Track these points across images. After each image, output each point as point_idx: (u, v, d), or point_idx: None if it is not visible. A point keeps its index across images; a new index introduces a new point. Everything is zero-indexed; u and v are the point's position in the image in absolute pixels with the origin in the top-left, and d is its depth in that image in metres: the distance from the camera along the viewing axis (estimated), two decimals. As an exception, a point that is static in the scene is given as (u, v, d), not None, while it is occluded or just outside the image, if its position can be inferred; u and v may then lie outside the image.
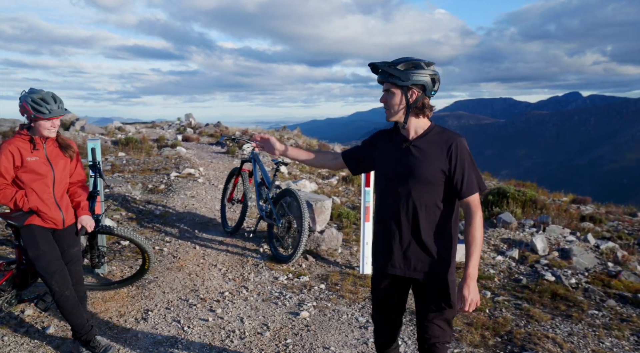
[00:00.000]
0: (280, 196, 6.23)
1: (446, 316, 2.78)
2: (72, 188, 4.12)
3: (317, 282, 5.57)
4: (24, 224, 3.77)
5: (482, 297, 5.30)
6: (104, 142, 14.43)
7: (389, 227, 2.80)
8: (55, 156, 3.91)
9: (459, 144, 2.68)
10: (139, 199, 8.35)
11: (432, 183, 2.68)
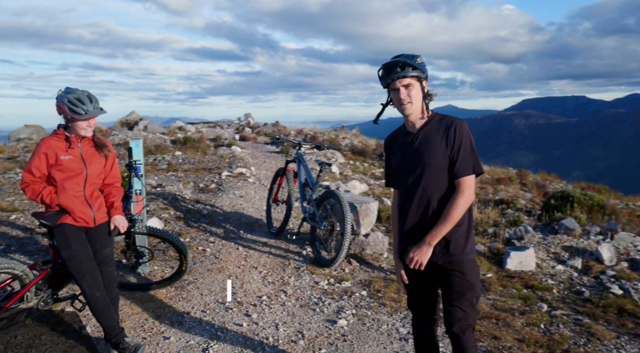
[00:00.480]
0: (323, 198, 6.04)
1: (468, 298, 2.82)
2: (106, 189, 4.11)
3: (358, 288, 5.33)
4: (57, 223, 3.77)
5: (537, 311, 4.90)
6: (164, 141, 14.75)
7: (408, 216, 2.91)
8: (89, 155, 3.91)
9: (458, 127, 2.78)
10: (188, 199, 8.39)
11: (439, 169, 2.79)
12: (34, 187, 3.74)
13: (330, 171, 11.41)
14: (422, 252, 2.78)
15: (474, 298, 2.84)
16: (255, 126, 22.82)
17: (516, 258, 6.08)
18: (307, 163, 6.56)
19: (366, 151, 15.82)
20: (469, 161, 2.77)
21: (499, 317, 4.73)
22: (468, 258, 2.83)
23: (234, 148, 13.80)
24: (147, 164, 11.68)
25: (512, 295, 5.30)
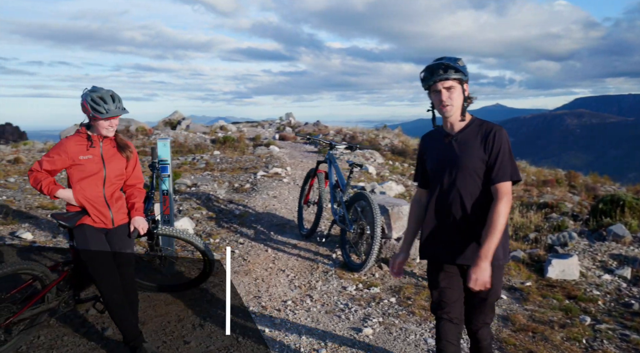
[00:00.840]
0: (353, 200, 5.85)
1: (489, 302, 2.97)
2: (128, 190, 4.07)
3: (388, 295, 5.13)
4: (76, 225, 3.74)
5: (580, 324, 4.58)
6: (204, 141, 14.86)
7: (439, 218, 2.97)
8: (110, 155, 3.88)
9: (497, 134, 2.83)
10: (222, 198, 8.36)
11: (474, 173, 2.85)
12: (37, 175, 3.75)
13: (367, 171, 11.19)
14: (482, 270, 2.73)
15: (494, 301, 3.01)
16: (296, 126, 22.79)
17: (558, 266, 5.74)
18: (338, 164, 6.38)
19: (406, 151, 15.51)
20: (507, 168, 2.81)
21: (537, 329, 4.44)
22: (496, 264, 2.85)
23: (272, 148, 13.77)
24: (186, 163, 11.76)
25: (552, 306, 4.98)
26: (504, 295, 5.17)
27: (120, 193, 4.01)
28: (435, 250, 3.01)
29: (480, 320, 3.03)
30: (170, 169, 5.30)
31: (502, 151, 2.81)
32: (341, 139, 16.38)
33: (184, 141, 14.54)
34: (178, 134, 14.95)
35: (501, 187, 2.79)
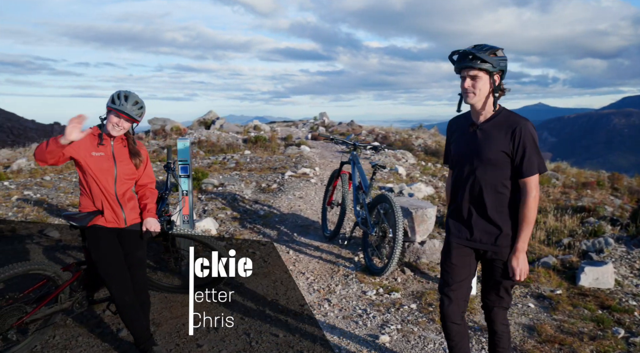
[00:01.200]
0: (376, 202, 5.70)
1: (504, 286, 3.07)
2: (140, 190, 4.02)
3: (408, 300, 4.97)
4: (88, 225, 3.72)
5: (612, 336, 4.32)
6: (236, 140, 14.91)
7: (460, 204, 3.09)
8: (121, 154, 3.82)
9: (523, 128, 2.86)
10: (247, 199, 8.33)
11: (495, 164, 2.92)
12: (40, 145, 3.48)
13: (397, 172, 10.99)
14: (520, 260, 2.92)
15: (509, 286, 3.09)
16: (329, 125, 22.69)
17: (591, 274, 5.46)
18: (361, 165, 6.24)
19: (440, 151, 15.20)
20: (534, 162, 2.86)
21: (564, 341, 4.20)
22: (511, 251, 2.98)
23: (303, 148, 13.70)
24: (216, 162, 11.81)
25: (582, 316, 4.73)
26: (531, 303, 4.94)
27: (133, 193, 3.98)
28: (454, 229, 3.14)
29: (495, 302, 3.14)
30: (190, 169, 5.27)
31: (529, 146, 2.86)
32: (373, 139, 16.19)
33: (217, 140, 14.63)
34: (210, 134, 15.06)
35: (529, 181, 2.88)
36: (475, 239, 3.05)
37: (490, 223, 2.99)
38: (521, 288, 5.30)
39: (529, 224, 2.90)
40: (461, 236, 3.11)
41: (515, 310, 4.82)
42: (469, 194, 3.04)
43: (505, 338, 3.20)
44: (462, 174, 3.07)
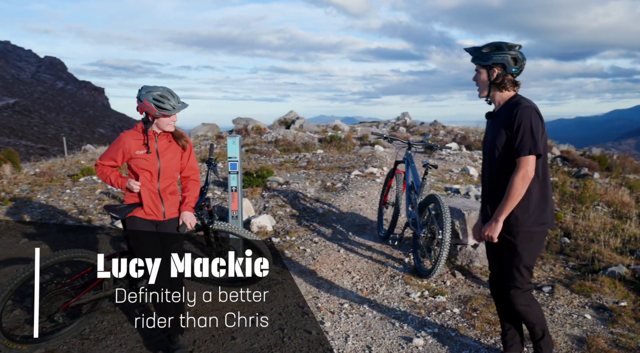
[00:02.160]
0: (426, 202, 5.54)
1: (514, 264, 3.25)
2: (183, 182, 4.18)
3: (453, 304, 4.79)
4: (126, 216, 3.93)
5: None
6: (311, 139, 15.08)
7: (484, 189, 3.42)
8: (165, 149, 3.99)
9: (522, 111, 3.07)
10: (309, 197, 8.39)
11: (501, 148, 3.17)
12: (103, 170, 3.97)
13: (468, 173, 10.61)
14: (491, 228, 3.21)
15: (520, 266, 3.24)
16: (411, 125, 22.31)
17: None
18: (415, 165, 6.09)
19: (524, 152, 14.45)
20: (526, 142, 3.04)
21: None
22: (523, 230, 3.19)
23: (376, 147, 13.59)
24: (288, 161, 12.01)
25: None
26: (588, 314, 4.59)
27: (176, 188, 4.14)
28: (482, 214, 3.45)
29: (507, 280, 3.31)
30: (239, 166, 5.40)
31: (522, 127, 3.05)
32: (451, 139, 15.74)
33: (293, 139, 14.87)
34: (287, 133, 15.33)
35: (520, 161, 3.06)
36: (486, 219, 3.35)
37: (493, 204, 3.29)
38: (581, 297, 4.94)
39: (508, 199, 3.09)
40: (483, 218, 3.42)
41: (569, 321, 4.50)
42: (489, 179, 3.35)
43: (529, 316, 3.33)
44: (484, 160, 3.41)
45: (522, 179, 3.05)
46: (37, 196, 8.98)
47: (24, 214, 7.77)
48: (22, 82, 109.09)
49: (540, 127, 3.08)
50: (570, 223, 7.23)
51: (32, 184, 10.26)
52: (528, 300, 3.32)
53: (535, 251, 3.29)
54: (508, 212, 3.13)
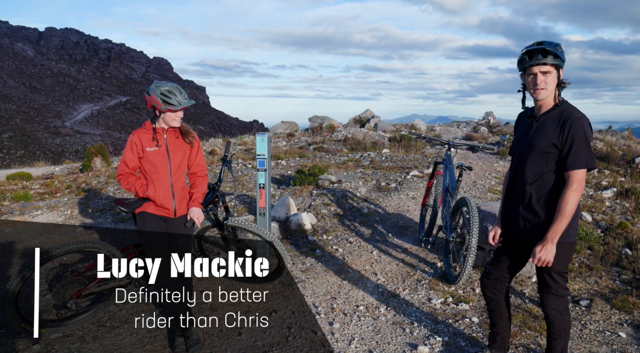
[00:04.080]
0: (458, 205, 5.29)
1: (547, 271, 3.18)
2: (191, 179, 4.28)
3: (474, 313, 4.54)
4: (136, 211, 4.08)
5: None
6: (381, 139, 14.90)
7: (511, 193, 3.31)
8: (174, 145, 4.11)
9: (575, 122, 2.96)
10: (358, 197, 8.30)
11: (545, 155, 3.06)
12: (128, 179, 4.08)
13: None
14: (547, 250, 3.03)
15: (552, 273, 3.17)
16: (494, 125, 21.38)
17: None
18: (453, 166, 5.83)
19: (612, 156, 13.38)
20: (581, 156, 2.94)
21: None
22: (560, 241, 3.06)
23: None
24: (352, 160, 11.95)
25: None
26: (623, 333, 4.17)
27: (185, 184, 4.25)
28: (505, 219, 3.38)
29: (541, 286, 3.30)
30: (267, 163, 5.45)
31: (577, 139, 2.94)
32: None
33: (362, 138, 14.77)
34: (357, 132, 15.24)
35: (573, 174, 2.96)
36: (520, 227, 3.25)
37: (534, 212, 3.16)
38: (621, 314, 4.50)
39: (563, 216, 2.96)
40: (510, 224, 3.33)
41: (599, 338, 4.12)
42: (517, 183, 3.23)
43: (556, 324, 3.26)
44: (514, 163, 3.29)
45: (577, 194, 2.97)
46: (107, 188, 9.60)
47: (89, 204, 8.33)
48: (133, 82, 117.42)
49: (591, 139, 3.05)
50: (637, 233, 6.59)
51: (109, 177, 10.97)
52: (561, 307, 3.27)
53: (567, 258, 3.21)
54: (561, 231, 3.00)
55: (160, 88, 3.89)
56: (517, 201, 3.27)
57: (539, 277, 3.32)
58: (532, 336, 4.13)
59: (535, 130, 3.14)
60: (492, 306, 3.60)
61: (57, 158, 51.48)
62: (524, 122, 3.33)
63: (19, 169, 15.96)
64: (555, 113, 3.08)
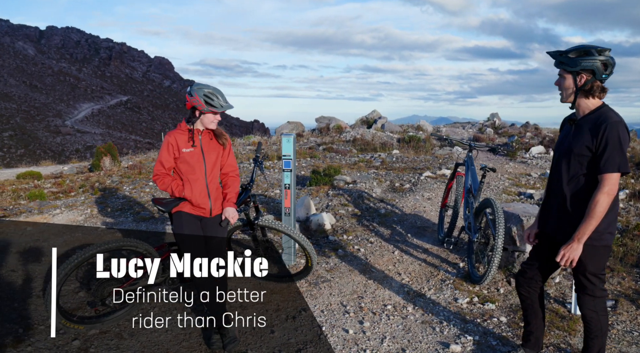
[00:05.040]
0: (482, 206, 5.36)
1: (582, 272, 3.25)
2: (224, 179, 4.34)
3: (501, 313, 4.61)
4: (173, 211, 4.14)
5: None
6: (390, 139, 14.97)
7: (548, 194, 3.42)
8: (208, 147, 4.16)
9: (609, 126, 3.00)
10: (374, 197, 8.37)
11: (580, 158, 3.14)
12: (164, 179, 4.13)
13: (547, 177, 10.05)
14: (572, 249, 3.13)
15: (587, 274, 3.24)
16: (500, 127, 21.46)
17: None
18: (475, 167, 5.90)
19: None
20: (614, 159, 2.99)
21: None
22: (592, 243, 3.14)
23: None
24: (363, 160, 12.03)
25: None
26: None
27: (218, 184, 4.31)
28: (542, 219, 3.49)
29: (581, 290, 3.34)
30: (292, 164, 5.51)
31: (611, 143, 2.99)
32: (538, 142, 14.96)
33: (371, 139, 14.85)
34: (366, 132, 15.32)
35: (606, 177, 3.01)
36: (555, 227, 3.33)
37: (568, 213, 3.22)
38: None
39: (592, 217, 3.03)
40: (546, 225, 3.43)
41: (627, 338, 4.19)
42: (553, 184, 3.33)
43: (593, 325, 3.31)
44: (553, 165, 3.39)
45: (608, 197, 3.02)
46: (123, 188, 9.66)
47: (108, 203, 8.39)
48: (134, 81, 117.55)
49: (627, 144, 3.07)
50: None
51: (122, 176, 11.04)
52: (598, 308, 3.31)
53: (601, 260, 3.27)
54: (591, 231, 3.08)
55: (203, 90, 3.94)
56: (552, 202, 3.35)
57: (575, 279, 3.39)
58: (562, 336, 4.20)
59: (573, 133, 3.22)
60: (526, 305, 3.67)
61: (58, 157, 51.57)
62: (566, 125, 3.40)
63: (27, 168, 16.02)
64: (593, 117, 3.12)
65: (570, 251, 3.12)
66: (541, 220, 3.52)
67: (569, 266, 3.23)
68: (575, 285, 3.42)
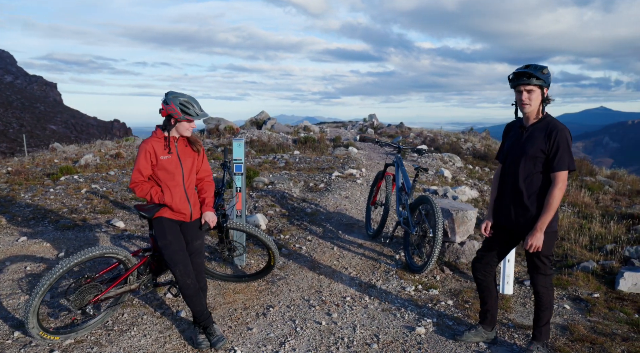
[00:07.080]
0: (417, 203, 5.96)
1: (537, 255, 3.81)
2: (199, 184, 4.43)
3: (446, 297, 5.22)
4: (154, 216, 4.16)
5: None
6: (286, 140, 15.38)
7: (503, 192, 3.96)
8: (184, 153, 4.23)
9: (559, 132, 3.61)
10: (295, 197, 8.72)
11: (534, 159, 3.70)
12: (142, 187, 4.08)
13: (442, 175, 11.15)
14: (536, 237, 3.68)
15: (541, 256, 3.81)
16: (378, 127, 22.91)
17: (630, 279, 5.54)
18: (405, 167, 6.51)
19: (489, 155, 15.18)
20: (564, 160, 3.60)
21: (596, 341, 4.36)
22: (546, 231, 3.69)
23: (350, 149, 14.01)
24: (267, 161, 12.28)
25: (618, 319, 4.85)
26: (567, 305, 5.10)
27: (194, 189, 4.40)
28: (499, 214, 4.02)
29: (531, 268, 3.91)
30: (243, 167, 5.67)
31: (562, 147, 3.59)
32: (421, 142, 16.33)
33: (267, 140, 15.14)
34: (262, 134, 15.57)
35: (558, 175, 3.62)
36: (513, 220, 3.87)
37: (525, 208, 3.78)
38: (559, 290, 5.46)
39: (550, 209, 3.64)
40: (503, 218, 3.96)
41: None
42: (510, 183, 3.86)
43: (544, 299, 3.93)
44: (507, 166, 3.91)
45: (561, 191, 3.64)
46: (20, 195, 8.97)
47: (14, 213, 7.79)
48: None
49: (571, 146, 3.66)
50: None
51: (9, 183, 10.19)
52: (547, 284, 3.93)
53: (551, 244, 3.82)
54: (548, 222, 3.65)
55: (179, 98, 4.01)
56: (508, 199, 3.89)
57: (529, 261, 3.91)
58: (500, 313, 4.89)
59: (525, 138, 3.76)
60: (483, 287, 4.25)
61: None
62: (513, 131, 3.94)
63: None
64: (542, 125, 3.70)
65: (536, 239, 3.67)
66: (495, 213, 4.07)
67: (533, 251, 3.74)
68: (529, 267, 3.96)
